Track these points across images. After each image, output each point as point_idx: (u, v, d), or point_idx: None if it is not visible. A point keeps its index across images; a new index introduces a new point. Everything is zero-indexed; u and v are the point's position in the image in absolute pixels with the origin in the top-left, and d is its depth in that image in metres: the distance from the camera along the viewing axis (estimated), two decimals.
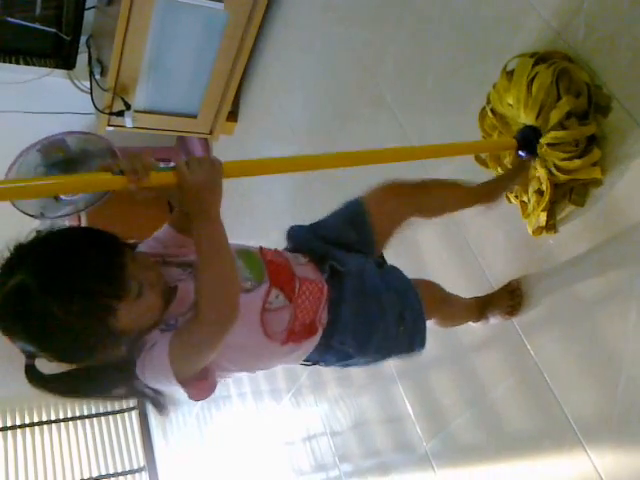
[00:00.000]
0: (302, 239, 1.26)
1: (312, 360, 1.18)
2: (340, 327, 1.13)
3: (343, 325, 1.13)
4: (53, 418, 4.28)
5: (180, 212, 1.06)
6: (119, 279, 0.89)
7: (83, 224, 3.33)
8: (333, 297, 1.14)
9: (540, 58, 1.30)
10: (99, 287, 0.87)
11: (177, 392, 0.98)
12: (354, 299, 1.15)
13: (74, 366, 0.96)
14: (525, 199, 1.42)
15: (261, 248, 1.14)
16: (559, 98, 1.23)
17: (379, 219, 1.26)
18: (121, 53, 2.46)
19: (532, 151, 1.30)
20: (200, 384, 0.99)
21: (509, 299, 1.48)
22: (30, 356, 0.93)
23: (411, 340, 1.24)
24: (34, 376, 0.94)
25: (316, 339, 1.12)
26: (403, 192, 1.30)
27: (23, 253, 0.88)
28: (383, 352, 1.23)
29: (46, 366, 0.95)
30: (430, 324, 1.39)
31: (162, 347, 0.92)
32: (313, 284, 1.13)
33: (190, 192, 0.90)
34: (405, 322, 1.20)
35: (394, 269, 1.28)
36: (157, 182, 0.90)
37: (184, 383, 0.94)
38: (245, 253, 1.09)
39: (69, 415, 4.35)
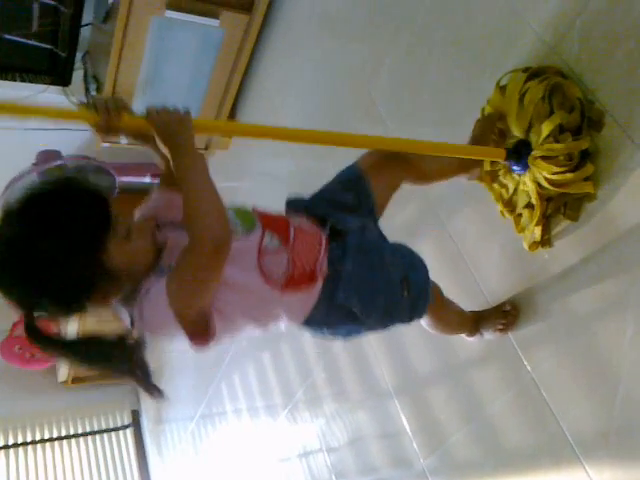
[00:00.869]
0: (301, 203, 1.27)
1: (317, 323, 1.16)
2: (343, 282, 1.12)
3: (346, 280, 1.12)
4: (47, 437, 4.24)
5: (165, 174, 1.11)
6: (106, 214, 0.93)
7: None
8: (335, 253, 1.14)
9: (533, 73, 1.31)
10: (87, 220, 0.91)
11: (179, 341, 0.97)
12: (356, 255, 1.15)
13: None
14: (512, 212, 1.42)
15: (253, 207, 1.16)
16: (552, 113, 1.24)
17: (376, 179, 1.27)
18: (117, 69, 2.48)
19: (522, 163, 1.31)
20: (203, 330, 0.99)
21: (502, 317, 1.48)
22: (28, 311, 0.94)
23: (413, 306, 1.22)
24: (36, 333, 0.94)
25: (317, 288, 1.10)
26: (396, 155, 1.29)
27: (5, 212, 0.92)
28: (387, 318, 1.21)
29: None
30: (424, 323, 1.39)
31: (159, 287, 0.93)
32: (309, 234, 1.14)
33: (161, 129, 0.96)
34: (410, 286, 1.19)
35: (398, 243, 1.28)
36: (128, 123, 0.97)
37: (185, 327, 0.94)
38: (236, 208, 1.10)
39: (63, 434, 4.30)
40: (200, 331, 0.99)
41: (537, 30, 1.42)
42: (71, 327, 2.62)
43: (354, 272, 1.13)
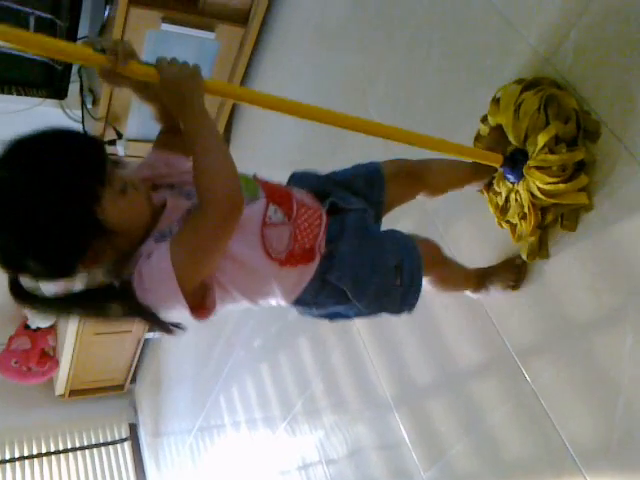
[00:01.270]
0: (305, 178, 1.24)
1: (306, 300, 1.13)
2: (338, 262, 1.09)
3: (341, 260, 1.09)
4: (44, 451, 4.22)
5: (162, 132, 1.07)
6: (100, 166, 0.86)
7: None
8: (333, 231, 1.11)
9: (528, 84, 1.32)
10: (80, 172, 0.84)
11: (177, 311, 0.91)
12: (354, 236, 1.12)
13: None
14: (507, 221, 1.43)
15: (255, 174, 1.11)
16: (548, 124, 1.24)
17: (393, 185, 1.28)
18: None
19: (517, 172, 1.32)
20: (201, 300, 0.95)
21: (513, 273, 1.44)
22: (14, 270, 0.87)
23: (404, 297, 1.19)
24: (20, 291, 0.88)
25: (313, 267, 1.08)
26: (414, 169, 1.33)
27: None
28: (377, 304, 1.18)
29: None
30: (425, 284, 1.33)
31: (161, 252, 0.88)
32: (311, 209, 1.11)
33: (171, 84, 0.91)
34: (403, 275, 1.16)
35: (394, 230, 1.26)
36: (135, 71, 0.90)
37: (186, 297, 0.88)
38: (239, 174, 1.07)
39: (60, 447, 4.28)
40: (199, 302, 0.95)
41: (531, 41, 1.43)
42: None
43: (350, 252, 1.11)
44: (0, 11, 2.21)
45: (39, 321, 3.91)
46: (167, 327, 0.96)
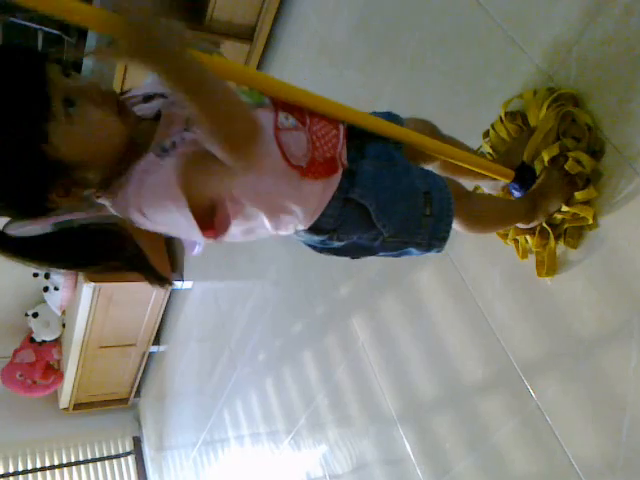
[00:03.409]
0: None
1: (326, 228, 1.03)
2: (361, 181, 1.01)
3: (364, 179, 1.01)
4: (48, 464, 4.21)
5: None
6: (39, 96, 0.72)
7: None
8: (353, 152, 1.03)
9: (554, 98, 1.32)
10: (15, 113, 0.71)
11: (186, 225, 0.81)
12: (377, 157, 1.05)
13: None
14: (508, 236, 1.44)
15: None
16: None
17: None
18: None
19: (525, 189, 1.32)
20: (209, 221, 0.85)
21: (562, 182, 1.28)
22: None
23: (435, 228, 1.10)
24: None
25: (336, 181, 0.99)
26: (437, 138, 1.21)
27: None
28: (404, 233, 1.07)
29: None
30: (457, 226, 1.23)
31: (167, 169, 0.77)
32: (324, 120, 1.01)
33: (133, 34, 0.69)
34: (432, 203, 1.07)
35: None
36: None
37: (195, 215, 0.78)
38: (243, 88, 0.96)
39: (64, 461, 4.27)
40: (207, 222, 0.85)
41: (534, 58, 1.44)
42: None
43: (374, 172, 1.02)
44: (8, 27, 2.24)
45: (44, 334, 3.92)
46: (157, 275, 0.85)
